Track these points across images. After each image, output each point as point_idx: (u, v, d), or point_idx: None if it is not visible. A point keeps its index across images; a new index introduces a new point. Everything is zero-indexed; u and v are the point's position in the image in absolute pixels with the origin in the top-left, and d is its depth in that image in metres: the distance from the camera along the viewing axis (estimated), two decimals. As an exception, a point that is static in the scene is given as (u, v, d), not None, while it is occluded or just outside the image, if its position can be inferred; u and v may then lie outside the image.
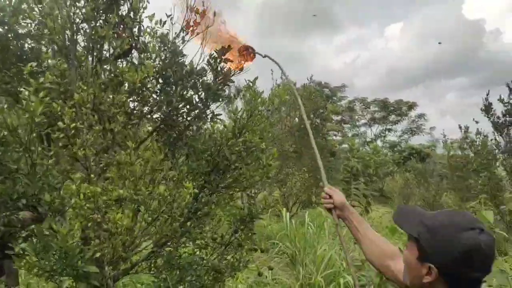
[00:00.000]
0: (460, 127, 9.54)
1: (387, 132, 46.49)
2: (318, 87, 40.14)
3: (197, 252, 3.30)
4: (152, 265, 3.13)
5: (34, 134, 2.36)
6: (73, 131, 2.48)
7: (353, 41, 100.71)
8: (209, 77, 3.15)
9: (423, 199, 16.69)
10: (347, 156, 14.91)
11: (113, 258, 2.58)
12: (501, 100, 8.07)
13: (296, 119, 11.95)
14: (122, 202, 2.47)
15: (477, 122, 8.33)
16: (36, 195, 2.41)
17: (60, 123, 2.40)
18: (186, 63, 3.20)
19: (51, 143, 2.68)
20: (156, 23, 3.01)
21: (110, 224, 2.34)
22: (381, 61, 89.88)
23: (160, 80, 3.10)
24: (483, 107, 7.98)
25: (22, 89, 2.74)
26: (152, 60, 3.06)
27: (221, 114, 3.12)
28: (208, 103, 3.06)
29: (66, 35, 2.59)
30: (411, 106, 44.48)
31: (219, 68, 3.01)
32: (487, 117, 7.93)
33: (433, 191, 16.33)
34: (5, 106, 2.71)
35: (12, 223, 2.45)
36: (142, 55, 3.10)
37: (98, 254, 2.35)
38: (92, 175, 2.41)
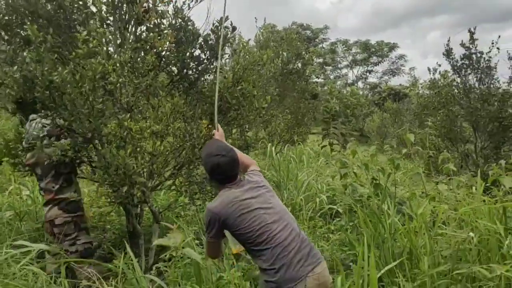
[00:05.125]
0: (429, 69, 10.36)
1: (368, 74, 47.48)
2: (300, 28, 40.36)
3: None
4: (174, 182, 4.19)
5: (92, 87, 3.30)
6: (118, 84, 3.44)
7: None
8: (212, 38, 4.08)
9: (397, 137, 18.08)
10: (327, 98, 15.91)
11: (151, 173, 3.64)
12: (462, 44, 9.07)
13: (279, 64, 12.79)
14: (157, 134, 3.49)
15: (439, 65, 9.36)
16: (95, 130, 3.39)
17: (110, 78, 3.34)
18: (192, 27, 4.11)
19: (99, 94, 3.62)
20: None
21: (152, 149, 3.37)
22: (366, 1, 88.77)
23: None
24: (445, 52, 9.01)
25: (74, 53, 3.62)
26: (167, 25, 3.97)
27: (222, 68, 4.08)
28: (212, 60, 4.01)
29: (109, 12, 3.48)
30: (392, 47, 45.20)
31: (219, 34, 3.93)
32: (448, 60, 8.98)
33: (406, 128, 17.66)
34: (65, 71, 3.57)
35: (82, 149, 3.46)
36: (158, 20, 3.98)
37: (145, 170, 3.40)
38: (139, 116, 3.39)
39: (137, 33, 3.84)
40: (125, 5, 3.64)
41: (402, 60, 45.60)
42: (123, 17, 3.73)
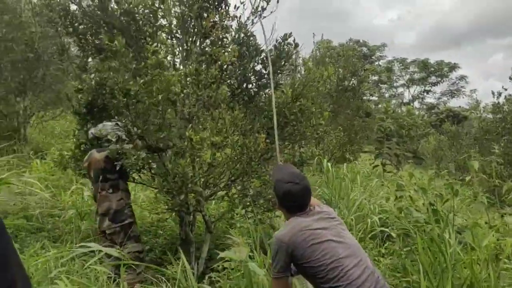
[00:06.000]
0: (493, 93, 9.97)
1: (425, 94, 46.03)
2: (356, 45, 39.93)
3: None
4: (227, 194, 4.25)
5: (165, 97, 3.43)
6: (182, 95, 3.56)
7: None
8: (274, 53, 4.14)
9: (454, 161, 17.33)
10: (381, 117, 15.57)
11: (207, 182, 3.72)
12: (531, 69, 8.65)
13: (335, 81, 12.72)
14: (216, 145, 3.56)
15: (505, 89, 8.95)
16: (163, 139, 3.51)
17: (175, 89, 3.46)
18: (254, 42, 4.19)
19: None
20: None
21: (210, 160, 3.44)
22: (426, 19, 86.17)
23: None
24: (512, 76, 8.62)
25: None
26: (231, 40, 4.07)
27: (282, 84, 4.12)
28: (273, 75, 4.05)
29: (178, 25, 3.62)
30: (453, 67, 43.63)
31: (282, 49, 3.99)
32: (516, 85, 8.58)
33: (465, 153, 16.90)
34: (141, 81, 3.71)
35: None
36: (222, 34, 4.09)
37: (202, 180, 3.48)
38: (200, 126, 3.49)
39: (202, 46, 3.98)
40: (193, 20, 3.78)
41: (463, 81, 43.89)
42: (190, 30, 3.88)
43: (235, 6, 4.17)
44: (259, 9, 4.28)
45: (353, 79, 14.14)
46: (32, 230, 4.28)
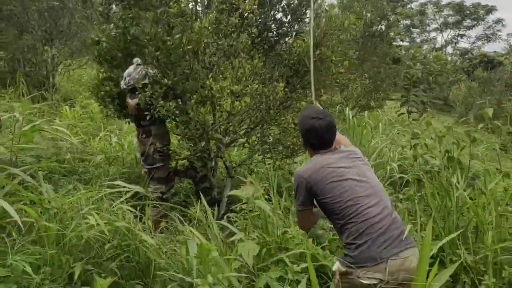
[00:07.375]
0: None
1: (459, 38, 44.00)
2: (388, -13, 38.03)
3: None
4: (247, 141, 4.41)
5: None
6: (203, 44, 3.64)
7: None
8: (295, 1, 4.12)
9: (479, 108, 16.92)
10: (409, 63, 15.20)
11: (227, 130, 3.88)
12: None
13: (361, 26, 12.35)
14: (235, 94, 3.68)
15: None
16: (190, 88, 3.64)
17: (199, 38, 3.53)
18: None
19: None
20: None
21: (230, 108, 3.57)
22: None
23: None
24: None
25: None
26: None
27: (303, 32, 4.13)
28: (293, 24, 4.07)
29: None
30: (490, 10, 41.26)
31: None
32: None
33: (495, 100, 16.42)
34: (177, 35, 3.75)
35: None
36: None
37: (222, 127, 3.63)
38: (220, 76, 3.59)
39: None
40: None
41: (500, 24, 41.55)
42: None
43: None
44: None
45: (381, 24, 13.69)
46: (64, 173, 4.58)
